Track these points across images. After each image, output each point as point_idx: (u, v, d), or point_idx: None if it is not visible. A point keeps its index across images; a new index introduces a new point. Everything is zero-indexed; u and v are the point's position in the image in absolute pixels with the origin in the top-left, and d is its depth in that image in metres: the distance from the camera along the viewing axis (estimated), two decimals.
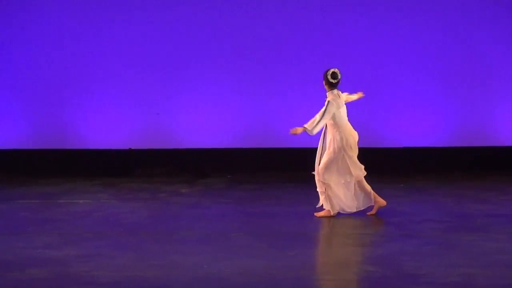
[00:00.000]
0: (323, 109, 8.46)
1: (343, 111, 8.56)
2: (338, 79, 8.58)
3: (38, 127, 11.39)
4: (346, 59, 11.25)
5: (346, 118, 8.60)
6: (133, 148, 11.46)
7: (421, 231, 8.10)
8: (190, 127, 11.41)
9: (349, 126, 8.61)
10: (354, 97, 8.89)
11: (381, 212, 8.85)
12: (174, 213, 9.09)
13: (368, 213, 8.64)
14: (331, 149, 8.55)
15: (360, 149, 8.66)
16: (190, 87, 11.42)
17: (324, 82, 8.61)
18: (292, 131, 8.44)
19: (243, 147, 11.34)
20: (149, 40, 11.37)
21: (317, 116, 8.45)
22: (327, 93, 8.58)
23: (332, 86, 8.57)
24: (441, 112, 11.38)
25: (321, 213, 8.66)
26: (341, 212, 8.67)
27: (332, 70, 8.58)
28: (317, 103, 8.51)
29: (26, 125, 11.41)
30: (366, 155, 11.07)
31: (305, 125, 8.43)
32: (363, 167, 8.61)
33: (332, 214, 8.60)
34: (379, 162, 11.28)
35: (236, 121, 11.38)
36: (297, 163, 8.60)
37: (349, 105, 8.79)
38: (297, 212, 8.65)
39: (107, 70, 11.39)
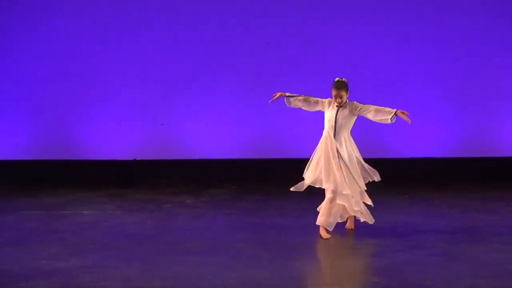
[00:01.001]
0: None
1: None
2: None
3: (44, 137, 11.40)
4: (351, 70, 11.23)
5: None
6: (138, 158, 11.46)
7: (425, 241, 8.10)
8: (195, 137, 11.41)
9: None
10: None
11: (385, 222, 8.87)
12: (179, 224, 9.09)
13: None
14: (356, 155, 8.45)
15: (366, 160, 8.67)
16: (195, 98, 11.43)
17: (346, 91, 8.50)
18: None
19: (248, 157, 11.33)
20: (154, 50, 11.38)
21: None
22: (347, 100, 8.47)
23: None
24: (446, 122, 11.37)
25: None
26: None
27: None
28: (320, 116, 8.50)
29: (31, 135, 11.41)
30: (371, 165, 11.08)
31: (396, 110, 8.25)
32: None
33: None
34: (384, 173, 11.23)
35: (241, 132, 11.38)
36: (302, 174, 8.56)
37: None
38: (302, 223, 8.65)
39: (111, 80, 11.39)
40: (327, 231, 8.32)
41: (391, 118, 8.26)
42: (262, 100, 11.37)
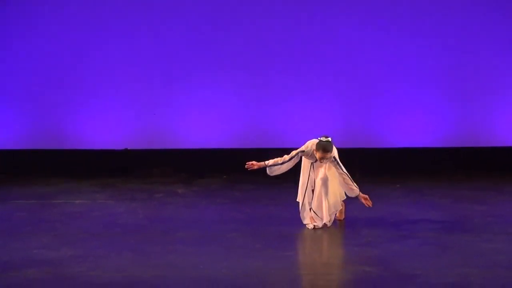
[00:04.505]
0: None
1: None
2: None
3: (34, 127, 11.35)
4: (344, 61, 11.23)
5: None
6: (129, 148, 11.43)
7: (417, 231, 8.10)
8: (187, 127, 11.38)
9: None
10: None
11: (376, 212, 8.87)
12: (171, 214, 9.07)
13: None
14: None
15: (356, 150, 8.64)
16: (187, 87, 11.39)
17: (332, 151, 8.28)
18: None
19: (240, 147, 11.29)
20: (147, 40, 11.34)
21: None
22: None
23: None
24: (438, 112, 11.36)
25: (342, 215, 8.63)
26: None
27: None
28: (314, 104, 8.49)
29: (22, 125, 11.37)
30: (362, 155, 11.08)
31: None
32: None
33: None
34: (376, 163, 11.27)
35: (233, 121, 11.36)
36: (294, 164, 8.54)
37: (345, 104, 8.57)
38: (294, 212, 8.59)
39: (104, 70, 11.34)
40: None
41: (353, 194, 8.27)
42: (254, 90, 11.38)
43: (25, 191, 10.26)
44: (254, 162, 8.37)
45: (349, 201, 8.75)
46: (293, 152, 8.31)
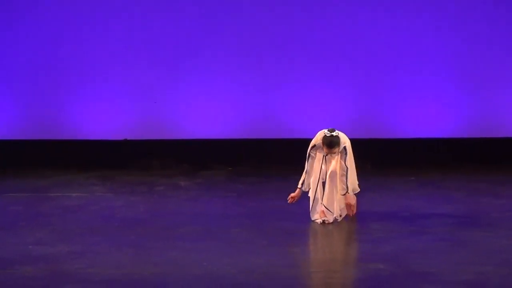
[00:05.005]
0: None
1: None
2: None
3: (31, 117, 11.33)
4: (357, 49, 11.21)
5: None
6: (128, 138, 11.37)
7: (431, 226, 8.02)
8: (189, 117, 11.35)
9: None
10: None
11: (389, 207, 8.84)
12: (172, 207, 9.05)
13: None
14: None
15: (370, 140, 8.56)
16: (189, 76, 11.37)
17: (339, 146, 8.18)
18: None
19: (245, 138, 11.26)
20: (148, 27, 11.31)
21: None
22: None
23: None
24: (454, 102, 11.39)
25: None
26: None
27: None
28: (325, 93, 8.38)
29: (17, 114, 11.34)
30: (376, 146, 11.06)
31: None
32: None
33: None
34: (390, 154, 11.27)
35: (238, 111, 11.32)
36: (301, 155, 8.48)
37: (358, 93, 8.36)
38: (302, 206, 8.48)
39: (102, 58, 11.32)
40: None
41: (341, 192, 8.19)
42: (260, 79, 11.37)
43: (20, 183, 10.26)
44: (292, 195, 8.32)
45: (360, 195, 8.64)
46: (307, 154, 8.24)
